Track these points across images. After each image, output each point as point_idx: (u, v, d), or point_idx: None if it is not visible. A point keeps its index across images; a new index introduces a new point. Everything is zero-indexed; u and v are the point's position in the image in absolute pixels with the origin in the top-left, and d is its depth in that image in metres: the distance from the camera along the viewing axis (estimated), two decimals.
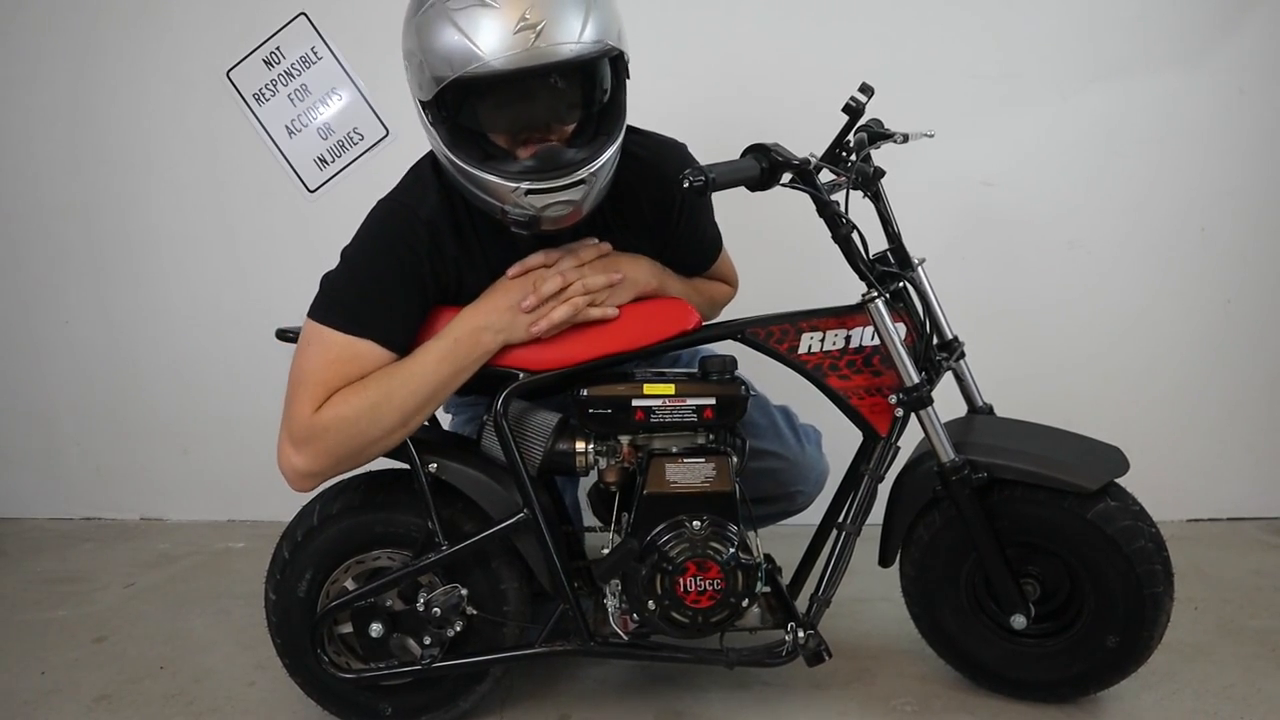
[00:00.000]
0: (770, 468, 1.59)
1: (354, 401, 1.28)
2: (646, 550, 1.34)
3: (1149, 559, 1.34)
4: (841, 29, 2.20)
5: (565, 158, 1.22)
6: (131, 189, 2.45)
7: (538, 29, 1.13)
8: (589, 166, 1.23)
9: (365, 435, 1.29)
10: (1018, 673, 1.47)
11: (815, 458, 1.67)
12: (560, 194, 1.23)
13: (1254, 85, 2.15)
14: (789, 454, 1.62)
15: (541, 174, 1.21)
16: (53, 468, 2.64)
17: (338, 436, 1.28)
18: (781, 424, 1.64)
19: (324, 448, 1.29)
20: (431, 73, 1.18)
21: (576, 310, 1.33)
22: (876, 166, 1.40)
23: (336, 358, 1.30)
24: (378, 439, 1.30)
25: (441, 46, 1.16)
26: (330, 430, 1.28)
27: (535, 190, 1.22)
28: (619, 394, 1.36)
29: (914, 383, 1.35)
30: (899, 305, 1.39)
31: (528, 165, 1.22)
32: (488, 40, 1.13)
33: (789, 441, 1.63)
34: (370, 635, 1.40)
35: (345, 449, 1.30)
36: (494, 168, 1.23)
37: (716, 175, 1.19)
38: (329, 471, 1.33)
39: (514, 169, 1.22)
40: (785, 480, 1.62)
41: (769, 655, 1.41)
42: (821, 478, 1.69)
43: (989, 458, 1.38)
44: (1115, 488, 1.38)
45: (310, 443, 1.29)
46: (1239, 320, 2.25)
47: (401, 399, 1.29)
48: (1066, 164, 2.21)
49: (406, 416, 1.30)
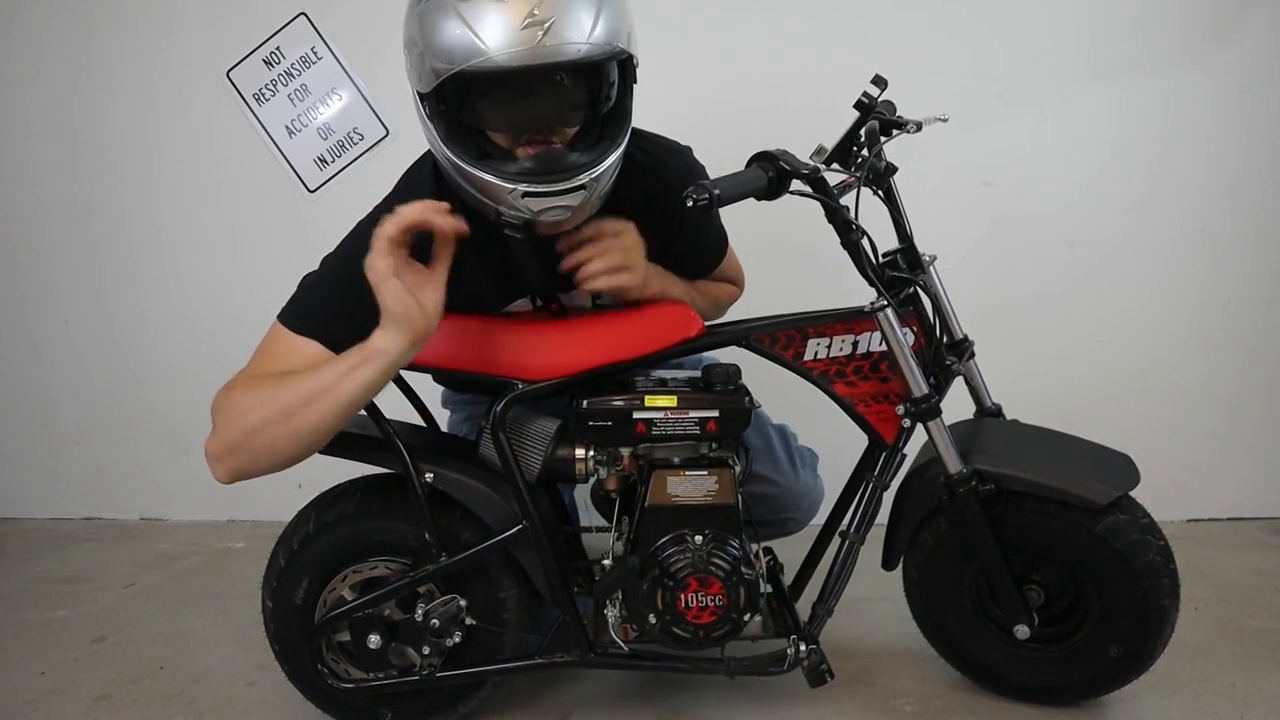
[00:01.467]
0: (762, 493, 1.56)
1: (252, 384, 1.23)
2: (647, 564, 1.32)
3: (1156, 573, 1.33)
4: (842, 29, 2.19)
5: (566, 161, 1.17)
6: (131, 189, 2.45)
7: (545, 26, 1.08)
8: (590, 172, 1.18)
9: (247, 419, 1.20)
10: (1020, 676, 1.47)
11: (809, 484, 1.64)
12: (558, 199, 1.18)
13: (1254, 85, 2.14)
14: (782, 480, 1.59)
15: (540, 177, 1.17)
16: (53, 468, 2.63)
17: (225, 415, 1.22)
18: (777, 447, 1.61)
19: (218, 426, 1.23)
20: (432, 64, 1.13)
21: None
22: (889, 162, 1.36)
23: (273, 351, 1.27)
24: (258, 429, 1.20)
25: (444, 38, 1.11)
26: (224, 408, 1.23)
27: (533, 193, 1.17)
28: (620, 406, 1.33)
29: (923, 393, 1.33)
30: (909, 309, 1.36)
31: (526, 167, 1.18)
32: (492, 34, 1.09)
33: (783, 466, 1.60)
34: (368, 646, 1.38)
35: (231, 431, 1.21)
36: (491, 167, 1.18)
37: (721, 190, 1.13)
38: (227, 459, 1.23)
39: (512, 169, 1.18)
40: (776, 506, 1.60)
41: (770, 665, 1.39)
42: (814, 504, 1.67)
43: (997, 468, 1.36)
44: (1125, 499, 1.36)
45: (213, 420, 1.23)
46: (1239, 320, 2.25)
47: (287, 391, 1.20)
48: (1066, 164, 2.21)
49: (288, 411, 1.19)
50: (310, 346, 1.26)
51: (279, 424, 1.20)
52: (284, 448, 1.22)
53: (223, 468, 1.24)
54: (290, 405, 1.19)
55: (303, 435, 1.21)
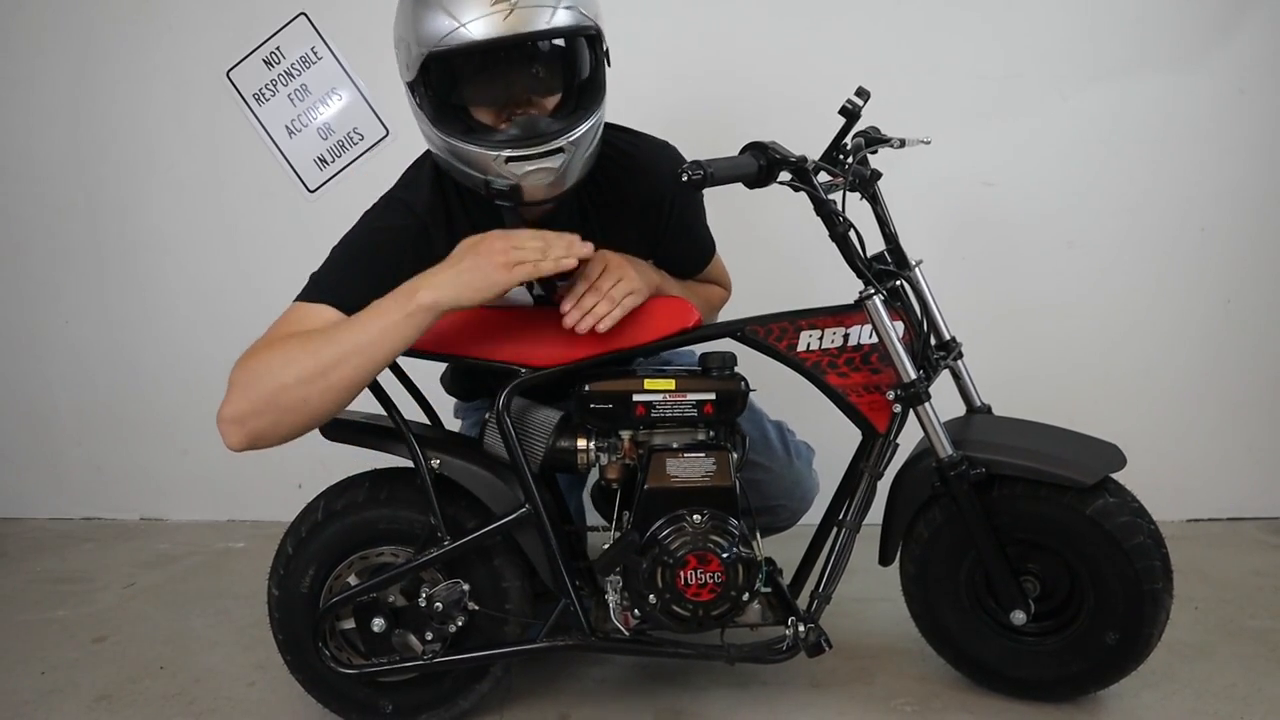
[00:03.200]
0: (754, 478, 1.58)
1: (276, 344, 1.25)
2: (647, 544, 1.35)
3: (1148, 555, 1.35)
4: (842, 29, 2.20)
5: (544, 125, 1.26)
6: (132, 189, 2.45)
7: (514, 2, 1.19)
8: (568, 135, 1.26)
9: (278, 377, 1.21)
10: (1018, 671, 1.47)
11: (803, 474, 1.67)
12: (540, 161, 1.26)
13: (1254, 85, 2.15)
14: (775, 466, 1.63)
15: (521, 141, 1.25)
16: (53, 468, 2.64)
17: (252, 375, 1.23)
18: (772, 436, 1.64)
19: (240, 388, 1.23)
20: (416, 49, 1.23)
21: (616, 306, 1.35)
22: (874, 169, 1.41)
23: (291, 319, 1.29)
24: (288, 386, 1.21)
25: (424, 23, 1.22)
26: (248, 368, 1.23)
27: (515, 158, 1.25)
28: (620, 389, 1.37)
29: (911, 379, 1.36)
30: (896, 304, 1.40)
31: (509, 134, 1.26)
32: (466, 12, 1.19)
33: (777, 454, 1.63)
34: (372, 630, 1.40)
35: (258, 391, 1.22)
36: (476, 139, 1.27)
37: (714, 170, 1.21)
38: (249, 420, 1.23)
39: (495, 138, 1.27)
40: (768, 493, 1.62)
41: (770, 651, 1.41)
42: (808, 495, 1.70)
43: (987, 454, 1.38)
44: (1114, 484, 1.39)
45: (233, 385, 1.24)
46: (1239, 320, 2.25)
47: (314, 345, 1.23)
48: (1066, 164, 2.22)
49: (321, 366, 1.21)
50: (327, 312, 1.29)
51: (315, 379, 1.22)
52: (316, 404, 1.23)
53: (241, 431, 1.23)
54: (327, 360, 1.22)
55: (339, 390, 1.23)
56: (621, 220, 1.46)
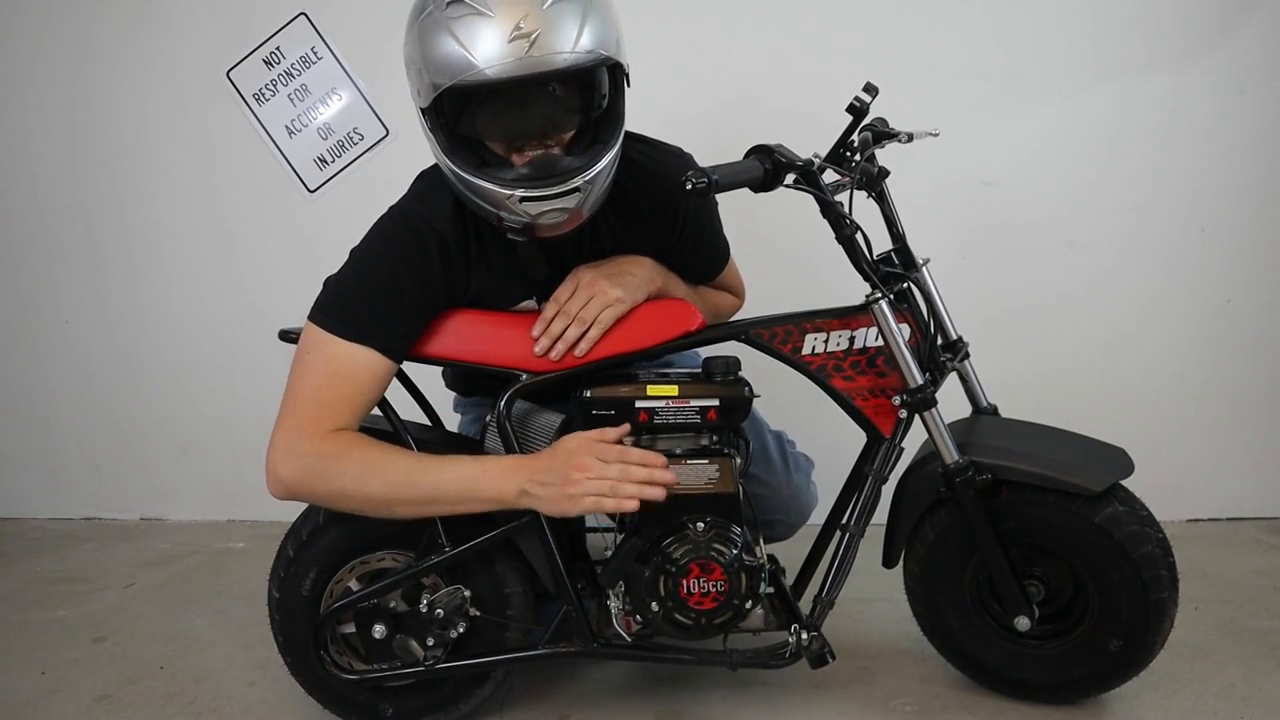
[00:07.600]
0: (752, 492, 1.55)
1: (358, 453, 1.27)
2: (650, 552, 1.34)
3: (1155, 564, 1.33)
4: (843, 30, 2.20)
5: (560, 165, 1.22)
6: (131, 189, 2.45)
7: (532, 38, 1.13)
8: (584, 174, 1.22)
9: (345, 488, 1.27)
10: (1020, 673, 1.47)
11: (801, 488, 1.65)
12: (555, 201, 1.22)
13: (1254, 85, 2.15)
14: (772, 481, 1.60)
15: (536, 181, 1.21)
16: (53, 468, 2.64)
17: (325, 472, 1.26)
18: (771, 449, 1.61)
19: (308, 473, 1.26)
20: (429, 80, 1.19)
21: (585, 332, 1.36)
22: (881, 166, 1.38)
23: (336, 371, 1.28)
24: (354, 497, 1.28)
25: (438, 54, 1.17)
26: (324, 461, 1.26)
27: (530, 197, 1.22)
28: (622, 395, 1.36)
29: (918, 384, 1.35)
30: (903, 306, 1.38)
31: (523, 173, 1.23)
32: (482, 49, 1.14)
33: (776, 468, 1.61)
34: (373, 636, 1.39)
35: (324, 487, 1.28)
36: (490, 175, 1.23)
37: (719, 177, 1.18)
38: (303, 494, 1.30)
39: (509, 176, 1.23)
40: (765, 508, 1.60)
41: (772, 657, 1.40)
42: (805, 510, 1.67)
43: (993, 459, 1.37)
44: (1123, 492, 1.37)
45: (302, 460, 1.26)
46: (1239, 320, 2.25)
47: (396, 477, 1.27)
48: (1066, 164, 2.21)
49: (390, 499, 1.27)
50: (372, 358, 1.29)
51: (378, 506, 1.29)
52: (352, 509, 1.31)
53: (282, 488, 1.29)
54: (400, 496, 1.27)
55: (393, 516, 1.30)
56: (634, 229, 1.44)
